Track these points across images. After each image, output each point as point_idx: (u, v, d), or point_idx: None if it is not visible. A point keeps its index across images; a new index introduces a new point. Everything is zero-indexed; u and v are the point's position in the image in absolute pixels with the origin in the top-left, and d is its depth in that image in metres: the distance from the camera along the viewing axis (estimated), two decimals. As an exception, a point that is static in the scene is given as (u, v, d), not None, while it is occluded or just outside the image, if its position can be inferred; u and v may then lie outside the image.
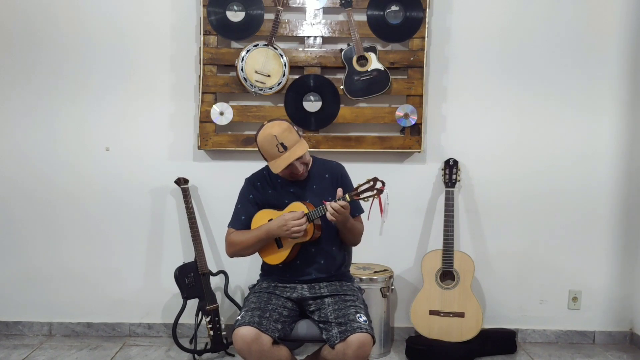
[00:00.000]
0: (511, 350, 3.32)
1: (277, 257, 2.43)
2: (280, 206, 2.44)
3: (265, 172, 2.54)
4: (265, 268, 2.55)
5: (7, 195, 3.41)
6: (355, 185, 2.31)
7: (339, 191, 2.27)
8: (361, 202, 2.33)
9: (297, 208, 2.38)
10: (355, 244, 2.54)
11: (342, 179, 2.51)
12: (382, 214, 2.33)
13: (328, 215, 2.26)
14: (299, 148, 2.33)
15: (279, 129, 2.33)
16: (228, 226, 2.52)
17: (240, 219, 2.48)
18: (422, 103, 3.30)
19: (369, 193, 2.25)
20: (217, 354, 3.22)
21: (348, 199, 2.26)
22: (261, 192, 2.49)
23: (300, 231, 2.30)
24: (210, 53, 3.26)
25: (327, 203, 2.27)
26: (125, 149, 3.39)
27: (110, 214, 3.42)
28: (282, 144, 2.31)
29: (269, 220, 2.41)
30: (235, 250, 2.47)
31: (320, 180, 2.49)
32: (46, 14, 3.32)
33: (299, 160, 2.35)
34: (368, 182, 2.26)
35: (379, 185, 2.24)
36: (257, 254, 2.50)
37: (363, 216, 2.51)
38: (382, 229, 2.91)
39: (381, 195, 2.26)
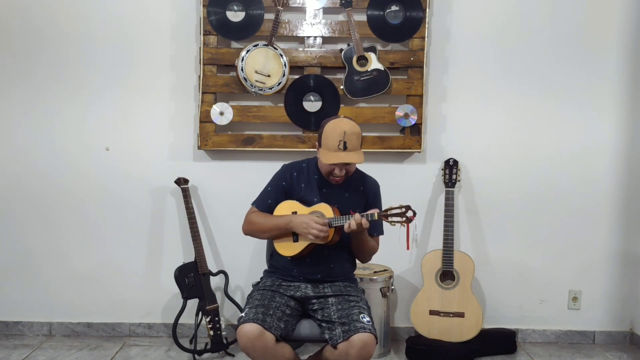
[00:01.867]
0: (511, 350, 3.32)
1: (290, 250, 2.42)
2: (308, 203, 2.43)
3: (304, 165, 2.53)
4: (272, 264, 2.55)
5: (7, 194, 3.41)
6: (385, 206, 2.31)
7: (375, 211, 2.28)
8: (388, 224, 2.32)
9: (323, 209, 2.37)
10: (363, 261, 2.54)
11: (374, 198, 2.51)
12: (408, 244, 2.32)
13: (345, 226, 2.26)
14: (356, 156, 2.32)
15: (350, 128, 2.31)
16: (252, 204, 2.51)
17: (267, 202, 2.48)
18: (422, 103, 3.30)
19: (398, 219, 2.26)
20: (217, 354, 3.22)
21: (376, 217, 2.27)
22: (295, 183, 2.48)
23: (319, 237, 2.30)
24: (210, 53, 3.26)
25: (356, 214, 2.26)
26: (125, 149, 3.39)
27: (111, 213, 3.42)
28: (345, 142, 2.30)
29: (293, 213, 2.41)
30: (252, 230, 2.46)
31: (354, 191, 2.48)
32: (47, 13, 3.32)
33: (346, 166, 2.36)
34: (400, 207, 2.27)
35: (410, 214, 2.25)
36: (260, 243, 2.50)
37: (388, 239, 2.51)
38: (412, 259, 2.90)
39: (409, 224, 2.27)
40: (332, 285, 2.44)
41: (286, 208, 2.44)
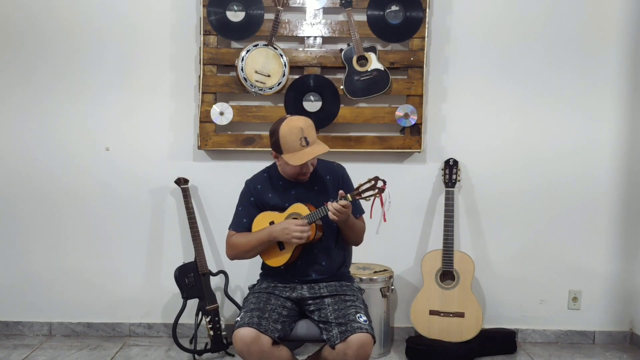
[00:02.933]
0: (511, 350, 3.32)
1: (279, 259, 2.42)
2: (281, 208, 2.43)
3: (265, 175, 2.52)
4: (266, 268, 2.55)
5: (8, 193, 3.41)
6: (356, 185, 2.31)
7: (341, 193, 2.28)
8: (363, 201, 2.33)
9: (299, 209, 2.37)
10: (358, 244, 2.54)
11: (343, 181, 2.51)
12: (385, 213, 2.33)
13: (330, 215, 2.26)
14: (320, 147, 2.32)
15: (304, 123, 2.31)
16: (229, 228, 2.51)
17: (242, 222, 2.47)
18: (422, 103, 3.30)
19: (370, 192, 2.26)
20: (217, 354, 3.22)
21: (350, 198, 2.27)
22: (262, 194, 2.48)
23: (303, 238, 2.30)
24: (210, 53, 3.26)
25: (329, 203, 2.27)
26: (126, 149, 3.39)
27: (111, 213, 3.42)
28: (305, 138, 2.29)
29: (270, 223, 2.40)
30: (236, 253, 2.46)
31: (321, 182, 2.48)
32: (49, 13, 3.31)
33: (312, 160, 2.35)
34: (369, 181, 2.27)
35: (380, 184, 2.25)
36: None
37: (366, 215, 2.51)
38: (379, 228, 2.89)
39: (382, 194, 2.27)
40: (327, 285, 2.44)
41: (262, 221, 2.44)
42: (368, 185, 2.27)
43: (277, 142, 2.32)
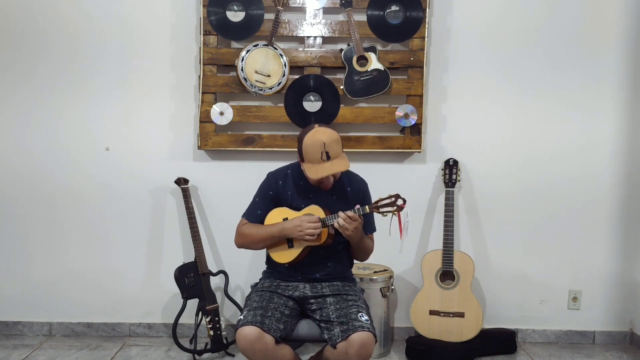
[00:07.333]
0: (511, 350, 3.32)
1: (286, 256, 2.42)
2: (296, 208, 2.43)
3: (289, 172, 2.52)
4: (271, 263, 2.55)
5: (7, 194, 3.41)
6: (375, 199, 2.32)
7: (357, 206, 2.28)
8: (380, 216, 2.32)
9: (314, 211, 2.38)
10: (362, 260, 2.56)
11: (362, 196, 2.50)
12: (401, 232, 2.32)
13: (335, 223, 2.27)
14: (341, 163, 2.31)
15: (329, 137, 2.30)
16: (242, 216, 2.51)
17: (256, 213, 2.48)
18: (422, 103, 3.30)
19: (389, 208, 2.26)
20: (217, 354, 3.22)
21: (367, 210, 2.27)
22: (281, 190, 2.48)
23: (314, 235, 2.30)
24: (210, 53, 3.26)
25: (340, 213, 2.28)
26: (126, 149, 3.39)
27: (111, 214, 3.42)
28: (327, 152, 2.29)
29: (284, 219, 2.41)
30: (245, 242, 2.47)
31: (341, 192, 2.48)
32: (49, 14, 3.31)
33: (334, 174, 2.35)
34: (390, 197, 2.27)
35: (400, 202, 2.25)
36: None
37: (384, 233, 2.50)
38: (402, 247, 2.87)
39: (401, 213, 2.27)
40: (330, 285, 2.44)
41: (277, 215, 2.44)
42: (388, 201, 2.27)
43: (300, 150, 2.35)
